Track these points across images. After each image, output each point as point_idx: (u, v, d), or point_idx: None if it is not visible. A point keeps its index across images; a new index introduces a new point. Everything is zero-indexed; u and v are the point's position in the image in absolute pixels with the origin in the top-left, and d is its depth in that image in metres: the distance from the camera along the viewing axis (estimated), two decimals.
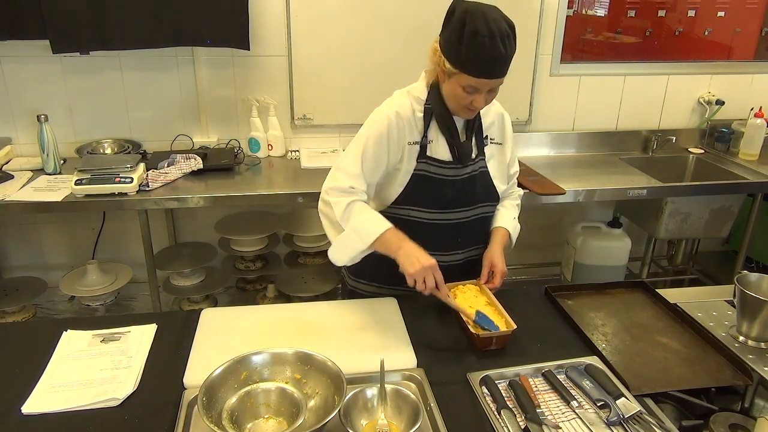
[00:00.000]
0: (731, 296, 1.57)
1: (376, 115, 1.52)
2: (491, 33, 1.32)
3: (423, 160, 1.53)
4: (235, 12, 2.48)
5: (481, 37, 1.32)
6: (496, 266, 1.57)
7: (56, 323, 1.47)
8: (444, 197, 1.56)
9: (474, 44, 1.33)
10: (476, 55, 1.35)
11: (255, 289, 2.92)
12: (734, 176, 2.78)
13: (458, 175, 1.56)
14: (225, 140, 2.76)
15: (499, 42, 1.33)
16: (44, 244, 2.87)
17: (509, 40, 1.36)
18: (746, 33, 3.08)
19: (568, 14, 2.86)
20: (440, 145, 1.54)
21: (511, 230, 1.66)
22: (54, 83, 2.59)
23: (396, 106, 1.51)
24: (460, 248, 1.64)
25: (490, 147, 1.63)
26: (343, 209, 1.44)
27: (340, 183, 1.48)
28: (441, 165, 1.54)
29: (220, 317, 1.48)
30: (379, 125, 1.50)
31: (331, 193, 1.48)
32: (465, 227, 1.61)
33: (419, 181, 1.54)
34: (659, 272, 3.40)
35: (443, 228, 1.58)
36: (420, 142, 1.53)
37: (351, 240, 1.44)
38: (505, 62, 1.38)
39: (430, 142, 1.54)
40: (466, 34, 1.33)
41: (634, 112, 3.10)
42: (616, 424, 1.14)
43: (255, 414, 1.14)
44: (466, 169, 1.56)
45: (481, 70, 1.37)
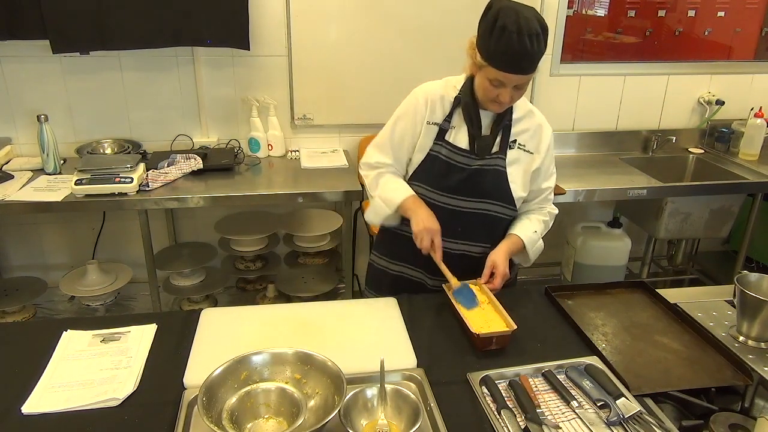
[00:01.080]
0: (731, 296, 1.57)
1: (409, 96, 1.65)
2: (519, 29, 1.36)
3: (439, 142, 1.60)
4: (235, 12, 2.48)
5: (509, 32, 1.36)
6: (497, 267, 1.56)
7: (56, 323, 1.47)
8: (449, 182, 1.60)
9: (502, 38, 1.38)
10: (503, 49, 1.39)
11: (255, 289, 2.92)
12: (734, 176, 2.79)
13: (469, 165, 1.58)
14: (225, 140, 2.76)
15: (527, 39, 1.37)
16: (44, 244, 2.87)
17: (537, 39, 1.39)
18: (746, 33, 3.08)
19: (568, 14, 2.86)
20: (461, 133, 1.59)
21: (526, 241, 1.63)
22: (54, 83, 2.59)
23: (428, 91, 1.62)
24: (459, 238, 1.64)
25: (517, 152, 1.62)
26: (371, 181, 1.67)
27: (369, 159, 1.69)
28: (455, 151, 1.59)
29: (220, 317, 1.48)
30: (407, 105, 1.64)
31: (362, 167, 1.72)
32: (466, 218, 1.62)
33: (430, 161, 1.61)
34: (659, 272, 3.40)
35: (444, 212, 1.60)
36: (440, 125, 1.59)
37: (379, 206, 1.64)
38: (531, 59, 1.41)
39: (452, 128, 1.60)
40: (497, 28, 1.38)
41: (634, 112, 3.10)
42: (616, 424, 1.14)
43: (255, 414, 1.14)
44: (479, 161, 1.58)
45: (506, 64, 1.41)
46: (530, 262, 1.71)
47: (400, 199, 1.59)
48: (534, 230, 1.67)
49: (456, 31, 2.71)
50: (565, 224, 3.12)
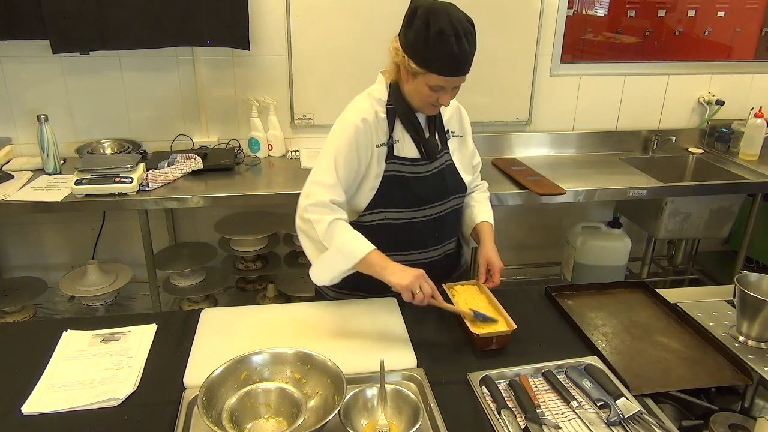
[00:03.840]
0: (731, 296, 1.57)
1: (342, 124, 1.50)
2: (456, 32, 1.34)
3: (392, 161, 1.53)
4: (235, 12, 2.48)
5: (447, 36, 1.34)
6: (493, 264, 1.57)
7: (56, 323, 1.47)
8: (417, 194, 1.56)
9: (441, 44, 1.35)
10: (443, 55, 1.37)
11: (255, 289, 2.92)
12: (734, 176, 2.78)
13: (427, 171, 1.57)
14: (225, 140, 2.76)
15: (464, 40, 1.36)
16: (44, 244, 2.87)
17: (472, 38, 1.39)
18: (746, 33, 3.08)
19: (568, 14, 2.86)
20: (407, 143, 1.56)
21: (492, 224, 1.69)
22: (54, 83, 2.59)
23: (361, 112, 1.50)
24: (438, 243, 1.65)
25: (453, 140, 1.66)
26: (326, 228, 1.41)
27: (319, 198, 1.44)
28: (410, 163, 1.55)
29: (220, 317, 1.48)
30: (347, 133, 1.48)
31: (311, 210, 1.43)
32: (441, 222, 1.63)
33: (391, 182, 1.53)
34: (659, 272, 3.40)
35: (421, 225, 1.58)
36: (387, 143, 1.53)
37: (335, 260, 1.42)
38: (469, 60, 1.41)
39: (397, 142, 1.54)
40: (432, 34, 1.34)
41: (634, 112, 3.10)
42: (616, 424, 1.14)
43: (255, 414, 1.14)
44: (434, 164, 1.58)
45: (449, 69, 1.39)
46: None
47: (364, 252, 1.39)
48: (489, 209, 1.73)
49: None
50: (565, 224, 3.13)
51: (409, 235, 1.57)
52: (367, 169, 1.52)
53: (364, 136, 1.49)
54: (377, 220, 1.55)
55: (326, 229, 1.41)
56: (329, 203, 1.44)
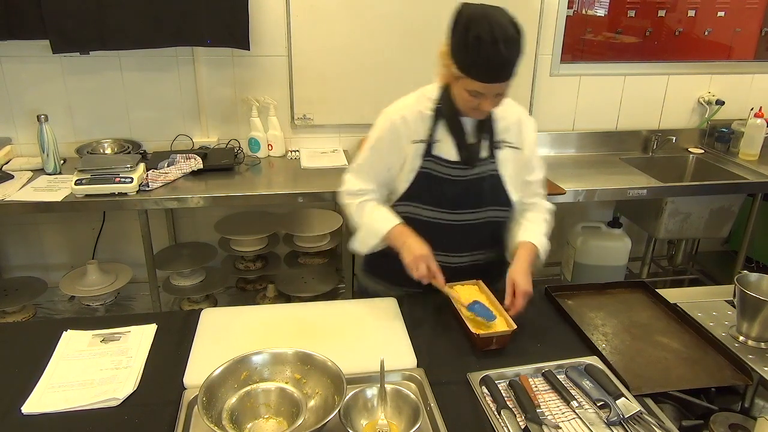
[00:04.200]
0: (731, 296, 1.57)
1: (383, 118, 1.58)
2: (494, 38, 1.31)
3: (428, 159, 1.55)
4: (235, 12, 2.48)
5: (484, 42, 1.32)
6: (518, 286, 1.45)
7: (56, 323, 1.47)
8: (447, 196, 1.56)
9: (477, 50, 1.33)
10: (480, 61, 1.35)
11: (255, 289, 2.92)
12: (734, 176, 2.78)
13: (464, 176, 1.55)
14: (225, 140, 2.76)
15: (503, 47, 1.32)
16: (44, 244, 2.87)
17: (514, 44, 1.34)
18: (746, 33, 3.08)
19: (568, 14, 2.86)
20: (447, 145, 1.55)
21: (539, 246, 1.56)
22: (54, 83, 2.59)
23: (402, 109, 1.56)
24: (465, 251, 1.63)
25: (505, 151, 1.59)
26: (355, 210, 1.60)
27: (349, 186, 1.63)
28: (447, 164, 1.55)
29: (220, 317, 1.48)
30: (383, 128, 1.57)
31: (343, 195, 1.64)
32: (473, 230, 1.60)
33: (423, 179, 1.56)
34: (659, 272, 3.40)
35: (446, 228, 1.58)
36: (426, 141, 1.54)
37: (366, 236, 1.59)
38: (509, 67, 1.37)
39: (437, 142, 1.55)
40: (470, 39, 1.33)
41: (634, 112, 3.10)
42: (616, 424, 1.14)
43: (255, 414, 1.14)
44: (473, 170, 1.55)
45: (485, 76, 1.38)
46: (542, 265, 1.63)
47: (386, 229, 1.53)
48: (543, 233, 1.61)
49: None
50: (565, 224, 3.12)
51: (433, 235, 1.54)
52: (403, 162, 1.57)
53: (399, 132, 1.55)
54: (404, 212, 1.59)
55: (355, 211, 1.61)
56: (356, 191, 1.61)
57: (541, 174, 1.68)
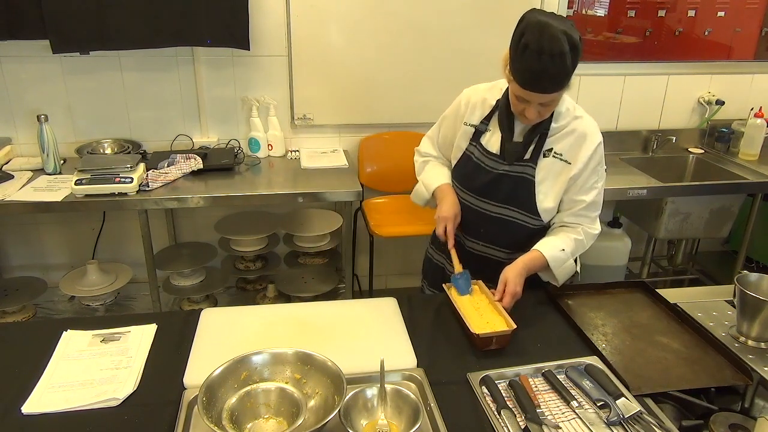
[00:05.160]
0: (731, 296, 1.57)
1: (459, 96, 1.71)
2: (541, 49, 1.32)
3: (473, 143, 1.64)
4: (235, 12, 2.48)
5: (530, 51, 1.33)
6: (507, 285, 1.47)
7: (56, 323, 1.47)
8: (475, 183, 1.63)
9: (524, 57, 1.36)
10: (524, 68, 1.37)
11: (255, 289, 2.92)
12: (734, 176, 2.78)
13: (496, 168, 1.59)
14: (225, 140, 2.76)
15: (548, 59, 1.32)
16: (44, 244, 2.87)
17: (561, 59, 1.33)
18: (746, 33, 3.08)
19: (568, 14, 2.86)
20: (494, 137, 1.61)
21: (549, 258, 1.54)
22: (54, 83, 2.59)
23: (473, 92, 1.68)
24: (482, 240, 1.69)
25: (552, 161, 1.56)
26: (419, 166, 1.82)
27: (421, 147, 1.83)
28: (485, 154, 1.61)
29: (220, 317, 1.48)
30: (453, 105, 1.72)
31: (416, 152, 1.84)
32: (489, 221, 1.63)
33: (464, 161, 1.66)
34: (659, 272, 3.40)
35: (469, 212, 1.66)
36: (477, 127, 1.63)
37: (420, 189, 1.77)
38: (553, 79, 1.37)
39: (488, 131, 1.62)
40: (521, 45, 1.36)
41: (634, 112, 3.10)
42: (616, 424, 1.14)
43: (255, 414, 1.14)
44: (506, 166, 1.58)
45: (527, 83, 1.39)
46: (559, 283, 1.61)
47: (434, 186, 1.70)
48: (561, 248, 1.56)
49: (455, 31, 2.71)
50: None
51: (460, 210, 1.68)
52: (457, 140, 1.69)
53: (461, 111, 1.68)
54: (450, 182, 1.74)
55: (419, 167, 1.82)
56: (424, 152, 1.81)
57: (593, 197, 1.61)
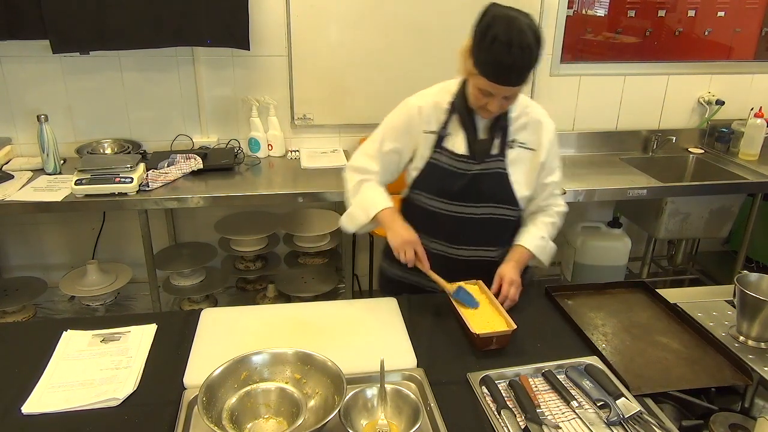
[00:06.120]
0: (731, 296, 1.57)
1: (403, 105, 1.63)
2: (510, 41, 1.33)
3: (438, 150, 1.59)
4: (235, 12, 2.48)
5: (499, 43, 1.34)
6: (504, 276, 1.52)
7: (56, 323, 1.47)
8: (450, 188, 1.58)
9: (491, 50, 1.36)
10: (492, 61, 1.37)
11: (255, 289, 2.92)
12: (734, 176, 2.78)
13: (469, 170, 1.57)
14: (225, 140, 2.76)
15: (517, 51, 1.34)
16: (44, 244, 2.87)
17: (529, 51, 1.35)
18: (746, 33, 3.08)
19: (568, 14, 2.86)
20: (458, 139, 1.58)
21: (533, 249, 1.61)
22: (54, 83, 2.59)
23: (420, 99, 1.61)
24: (464, 244, 1.64)
25: (517, 151, 1.59)
26: (353, 186, 1.63)
27: (356, 162, 1.66)
28: (454, 158, 1.57)
29: (220, 317, 1.48)
30: (400, 116, 1.62)
31: (347, 170, 1.68)
32: (471, 223, 1.61)
33: (431, 169, 1.60)
34: (659, 272, 3.40)
35: (447, 219, 1.60)
36: (438, 133, 1.58)
37: (356, 212, 1.61)
38: (520, 72, 1.39)
39: (449, 135, 1.58)
40: (488, 38, 1.36)
41: (634, 112, 3.10)
42: (616, 424, 1.14)
43: (255, 414, 1.14)
44: (478, 165, 1.57)
45: (495, 76, 1.39)
46: (547, 265, 1.70)
47: (377, 210, 1.56)
48: (541, 236, 1.64)
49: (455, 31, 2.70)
50: (565, 224, 3.11)
51: (435, 224, 1.61)
52: (414, 151, 1.62)
53: (413, 121, 1.60)
54: (415, 200, 1.64)
55: (354, 186, 1.63)
56: (362, 168, 1.64)
57: (558, 176, 1.68)
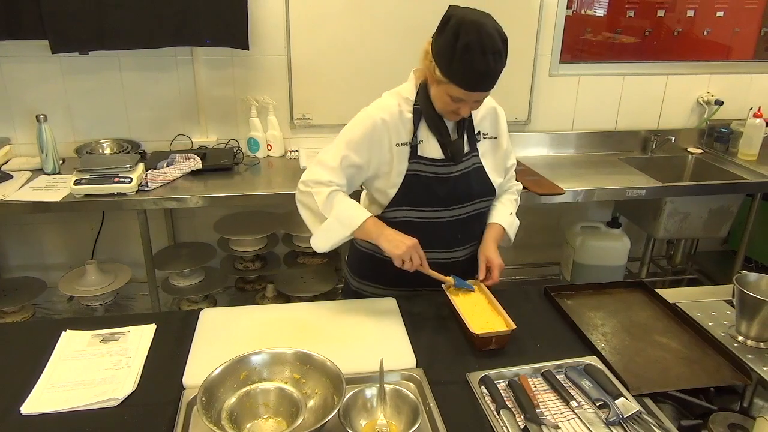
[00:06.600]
0: (730, 296, 1.57)
1: (363, 116, 1.54)
2: (483, 49, 1.32)
3: (415, 160, 1.54)
4: (234, 12, 2.48)
5: (472, 52, 1.33)
6: (492, 261, 1.58)
7: (55, 323, 1.47)
8: (438, 195, 1.56)
9: (465, 59, 1.34)
10: (466, 70, 1.36)
11: (254, 289, 2.92)
12: (733, 176, 2.79)
13: (452, 173, 1.56)
14: (224, 140, 2.76)
15: (490, 58, 1.34)
16: (43, 244, 2.87)
17: (500, 56, 1.36)
18: (745, 33, 3.08)
19: (567, 14, 2.86)
20: (431, 144, 1.55)
21: (506, 226, 1.67)
22: (53, 83, 2.58)
23: (382, 111, 1.52)
24: (461, 245, 1.64)
25: (484, 142, 1.63)
26: (325, 198, 1.48)
27: (319, 177, 1.51)
28: (433, 164, 1.55)
29: (219, 317, 1.48)
30: (364, 126, 1.52)
31: (310, 184, 1.52)
32: (464, 224, 1.62)
33: (413, 182, 1.55)
34: (658, 272, 3.40)
35: (441, 226, 1.59)
36: (410, 143, 1.54)
37: (334, 228, 1.49)
38: (493, 77, 1.39)
39: (421, 142, 1.54)
40: (459, 47, 1.33)
41: (633, 112, 3.10)
42: (616, 423, 1.14)
43: (254, 414, 1.14)
44: (458, 166, 1.57)
45: (470, 84, 1.39)
46: (511, 242, 1.72)
47: (361, 220, 1.47)
48: (509, 212, 1.71)
49: None
50: (564, 224, 3.12)
51: (430, 235, 1.56)
52: (386, 166, 1.54)
53: (382, 134, 1.51)
54: (399, 217, 1.57)
55: (325, 200, 1.48)
56: (327, 182, 1.50)
57: (514, 159, 1.75)
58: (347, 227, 1.48)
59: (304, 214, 1.56)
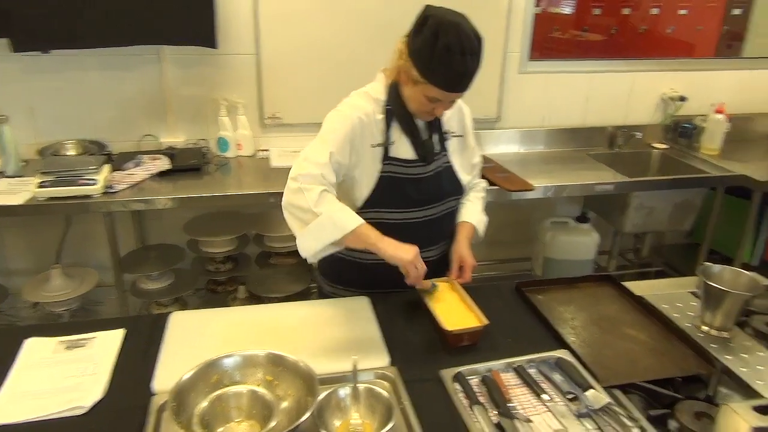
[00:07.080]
0: (695, 287, 1.61)
1: (339, 116, 1.51)
2: (462, 50, 1.33)
3: (388, 162, 1.53)
4: (200, 9, 2.44)
5: (453, 53, 1.33)
6: (465, 260, 1.59)
7: (19, 331, 1.43)
8: (411, 196, 1.56)
9: (445, 60, 1.34)
10: (446, 70, 1.36)
11: (225, 290, 2.88)
12: (696, 170, 2.85)
13: (424, 173, 1.57)
14: (193, 140, 2.72)
15: (469, 59, 1.35)
16: (5, 248, 2.79)
17: (477, 57, 1.38)
18: (707, 31, 3.16)
19: (536, 11, 2.89)
20: (403, 145, 1.55)
21: (476, 224, 1.68)
22: (14, 83, 2.51)
23: (358, 111, 1.50)
24: (433, 244, 1.65)
25: (452, 141, 1.65)
26: (317, 196, 1.38)
27: (310, 170, 1.41)
28: (406, 165, 1.55)
29: (189, 320, 1.46)
30: (345, 126, 1.48)
31: (301, 179, 1.40)
32: (435, 223, 1.62)
33: (386, 183, 1.54)
34: (626, 265, 3.47)
35: (414, 226, 1.59)
36: (383, 144, 1.53)
37: (324, 228, 1.37)
38: (471, 78, 1.41)
39: (393, 143, 1.54)
40: (439, 48, 1.33)
41: (600, 108, 3.15)
42: (586, 416, 1.16)
43: (227, 418, 1.13)
44: (430, 166, 1.57)
45: (449, 85, 1.39)
46: (481, 239, 1.73)
47: (356, 225, 1.38)
48: (479, 210, 1.73)
49: None
50: (535, 220, 3.16)
51: (402, 236, 1.50)
52: (357, 168, 1.51)
53: (360, 132, 1.49)
54: (371, 218, 1.50)
55: (317, 197, 1.38)
56: (320, 176, 1.41)
57: (479, 155, 1.76)
58: (340, 229, 1.37)
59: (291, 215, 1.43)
